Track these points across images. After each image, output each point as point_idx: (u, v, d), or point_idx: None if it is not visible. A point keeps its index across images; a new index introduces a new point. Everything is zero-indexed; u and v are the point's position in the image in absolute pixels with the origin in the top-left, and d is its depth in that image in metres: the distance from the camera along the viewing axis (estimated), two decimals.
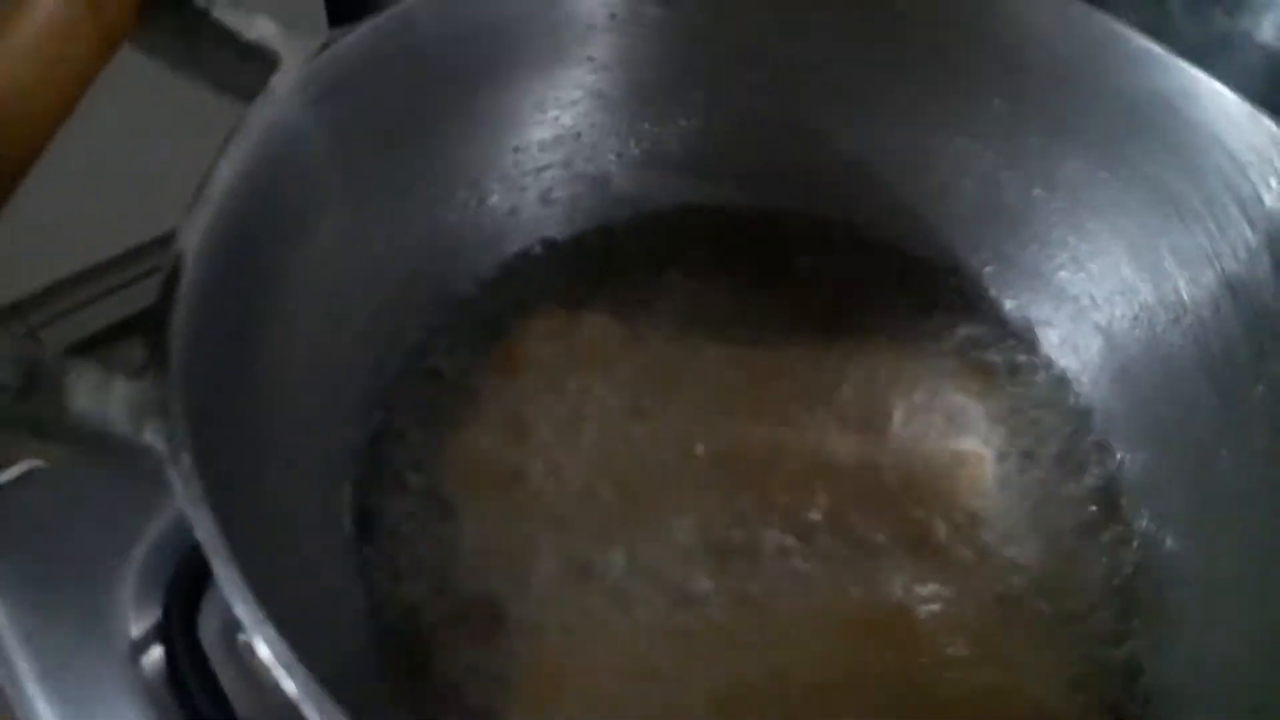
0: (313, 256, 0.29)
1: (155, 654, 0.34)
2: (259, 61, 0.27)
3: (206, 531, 0.18)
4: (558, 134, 0.37)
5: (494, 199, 0.37)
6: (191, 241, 0.22)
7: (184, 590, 0.35)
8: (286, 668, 0.18)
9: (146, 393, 0.20)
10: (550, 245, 0.39)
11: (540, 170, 0.38)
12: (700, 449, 0.34)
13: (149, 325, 0.20)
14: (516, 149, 0.37)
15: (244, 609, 0.18)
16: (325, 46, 0.28)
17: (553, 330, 0.36)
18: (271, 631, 0.18)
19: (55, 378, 0.19)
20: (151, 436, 0.19)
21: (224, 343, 0.24)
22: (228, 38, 0.27)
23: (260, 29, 0.27)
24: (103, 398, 0.19)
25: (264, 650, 0.18)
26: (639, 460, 0.34)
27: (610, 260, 0.39)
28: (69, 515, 0.36)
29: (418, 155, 0.33)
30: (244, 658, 0.34)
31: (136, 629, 0.34)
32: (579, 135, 0.38)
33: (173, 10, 0.26)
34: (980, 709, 0.29)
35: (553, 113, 0.37)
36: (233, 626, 0.35)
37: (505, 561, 0.31)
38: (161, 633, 0.34)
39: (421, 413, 0.33)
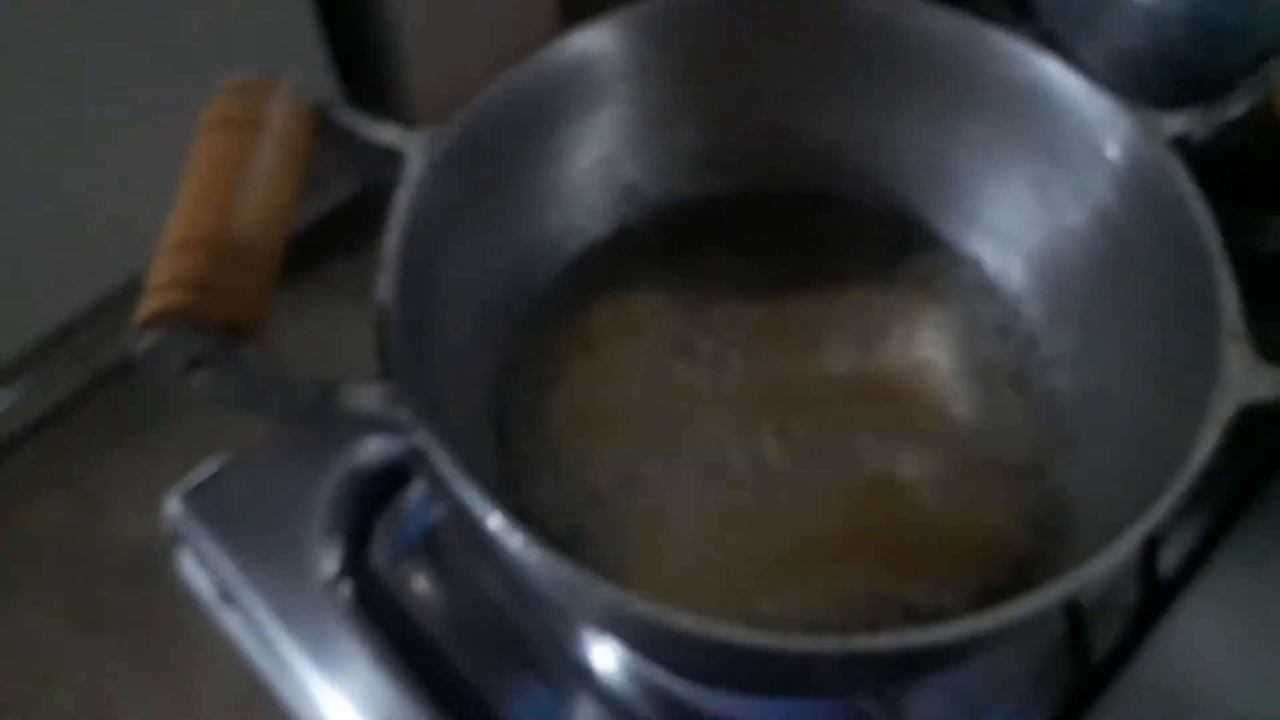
0: (449, 279, 0.42)
1: (346, 586, 0.48)
2: (392, 156, 0.39)
3: (445, 464, 0.31)
4: (592, 161, 0.49)
5: (554, 216, 0.49)
6: (387, 293, 0.35)
7: (354, 534, 0.49)
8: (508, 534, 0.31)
9: (389, 391, 0.32)
10: (597, 245, 0.51)
11: (581, 190, 0.50)
12: (734, 383, 0.46)
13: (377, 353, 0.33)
14: (566, 176, 0.49)
15: (475, 502, 0.31)
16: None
17: (613, 311, 0.48)
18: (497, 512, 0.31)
19: (335, 391, 0.32)
20: (401, 415, 0.32)
21: (414, 344, 0.36)
22: (368, 143, 0.39)
23: (388, 134, 0.39)
24: (366, 397, 0.32)
25: (494, 524, 0.30)
26: (687, 395, 0.46)
27: (647, 248, 0.51)
28: (257, 494, 0.50)
29: (502, 197, 0.45)
30: (407, 574, 0.48)
31: (328, 567, 0.48)
32: (609, 159, 0.50)
33: (328, 131, 0.39)
34: (949, 540, 0.41)
35: (589, 146, 0.48)
36: (400, 554, 0.49)
37: (603, 480, 0.44)
38: (348, 565, 0.48)
39: (528, 380, 0.46)
